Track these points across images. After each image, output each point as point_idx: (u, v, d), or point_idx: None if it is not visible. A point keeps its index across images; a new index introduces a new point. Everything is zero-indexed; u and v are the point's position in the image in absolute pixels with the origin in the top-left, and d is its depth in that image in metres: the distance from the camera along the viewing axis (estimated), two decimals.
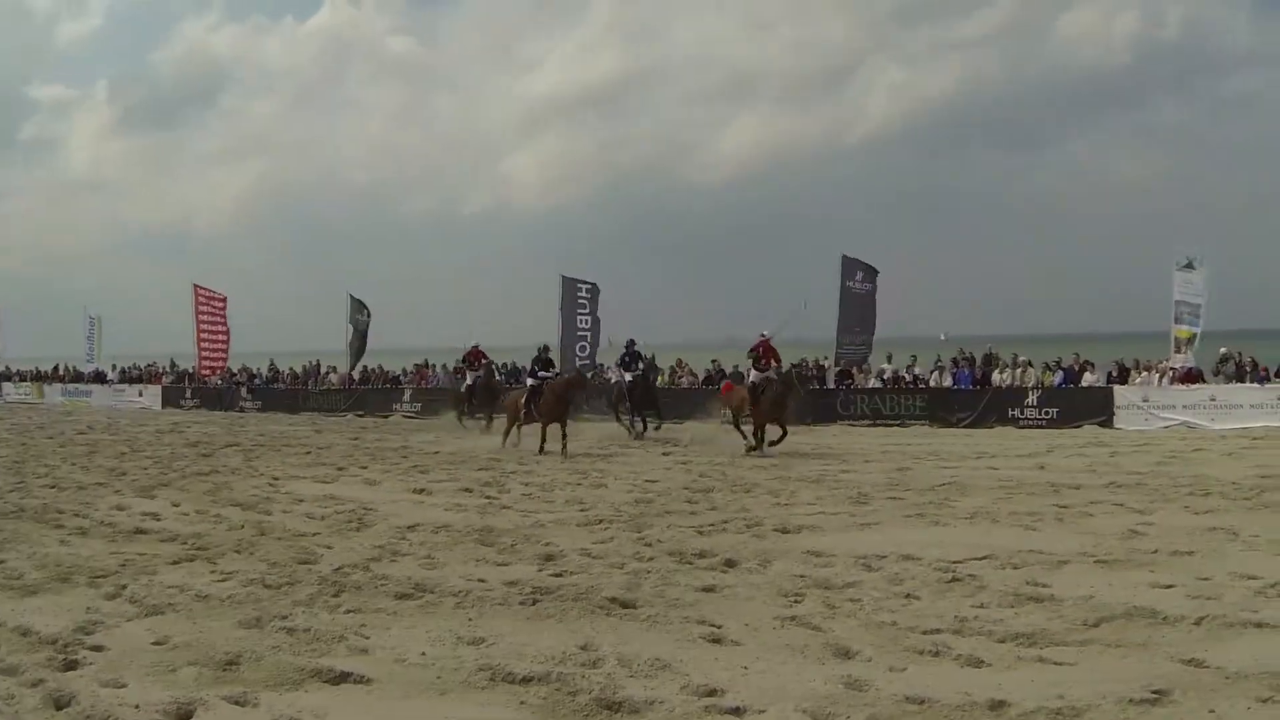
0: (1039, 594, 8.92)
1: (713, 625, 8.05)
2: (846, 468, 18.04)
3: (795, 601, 8.78)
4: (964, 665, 7.09)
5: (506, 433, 22.57)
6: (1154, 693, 6.47)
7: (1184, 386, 24.13)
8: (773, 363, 21.39)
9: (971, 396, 25.92)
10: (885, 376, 27.55)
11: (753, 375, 21.61)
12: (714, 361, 29.87)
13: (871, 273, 28.22)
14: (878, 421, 26.12)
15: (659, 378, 28.27)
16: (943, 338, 20.85)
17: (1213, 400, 23.40)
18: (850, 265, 28.06)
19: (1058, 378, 25.69)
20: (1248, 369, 24.10)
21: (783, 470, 17.70)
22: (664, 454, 20.89)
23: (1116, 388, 24.65)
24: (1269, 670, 6.75)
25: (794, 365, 25.72)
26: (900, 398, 26.60)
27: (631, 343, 25.39)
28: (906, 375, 27.39)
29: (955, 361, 27.38)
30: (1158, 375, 24.85)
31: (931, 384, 26.84)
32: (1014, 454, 19.60)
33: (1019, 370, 26.38)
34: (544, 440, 21.26)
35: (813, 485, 15.94)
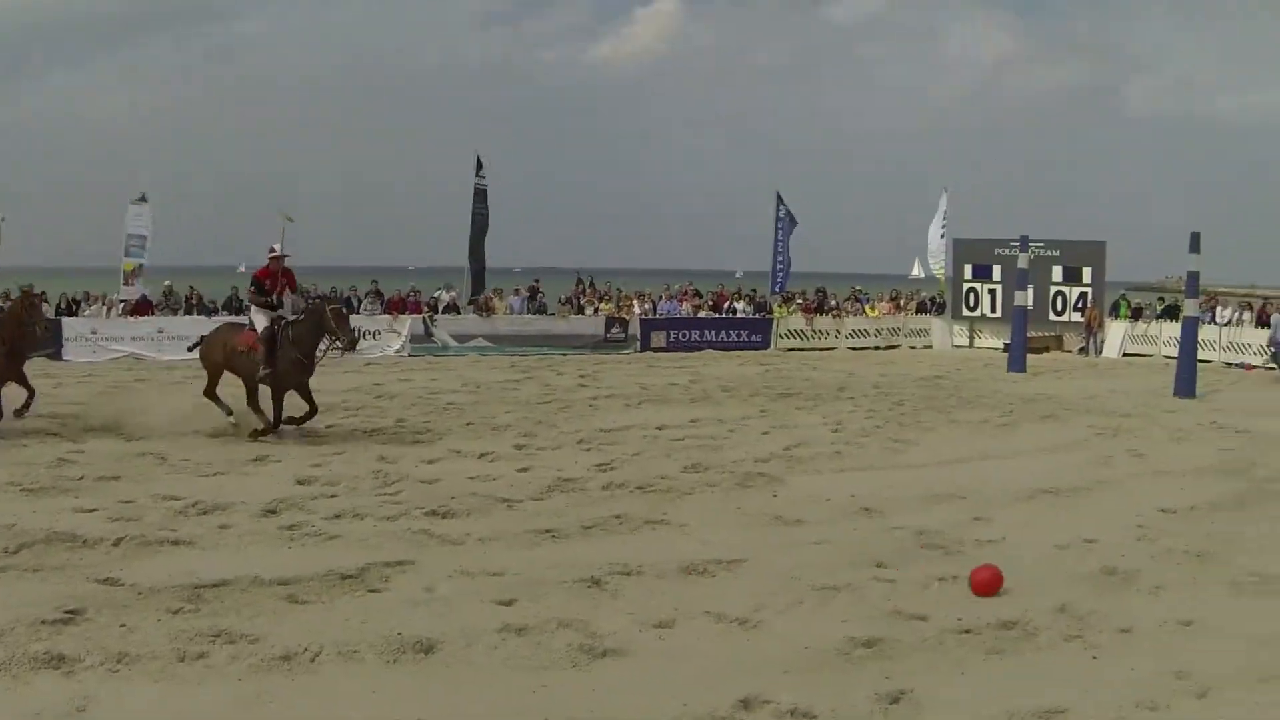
0: None
1: None
2: None
3: None
4: None
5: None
6: (68, 613, 6.67)
7: (134, 319, 24.45)
8: (289, 294, 14.21)
9: None
10: None
11: (257, 317, 13.74)
12: None
13: None
14: None
15: None
16: None
17: (161, 332, 24.01)
18: None
19: None
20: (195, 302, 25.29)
21: None
22: None
23: (65, 319, 24.08)
24: (180, 584, 7.30)
25: None
26: None
27: None
28: None
29: None
30: (107, 307, 24.87)
31: None
32: None
33: None
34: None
35: None
